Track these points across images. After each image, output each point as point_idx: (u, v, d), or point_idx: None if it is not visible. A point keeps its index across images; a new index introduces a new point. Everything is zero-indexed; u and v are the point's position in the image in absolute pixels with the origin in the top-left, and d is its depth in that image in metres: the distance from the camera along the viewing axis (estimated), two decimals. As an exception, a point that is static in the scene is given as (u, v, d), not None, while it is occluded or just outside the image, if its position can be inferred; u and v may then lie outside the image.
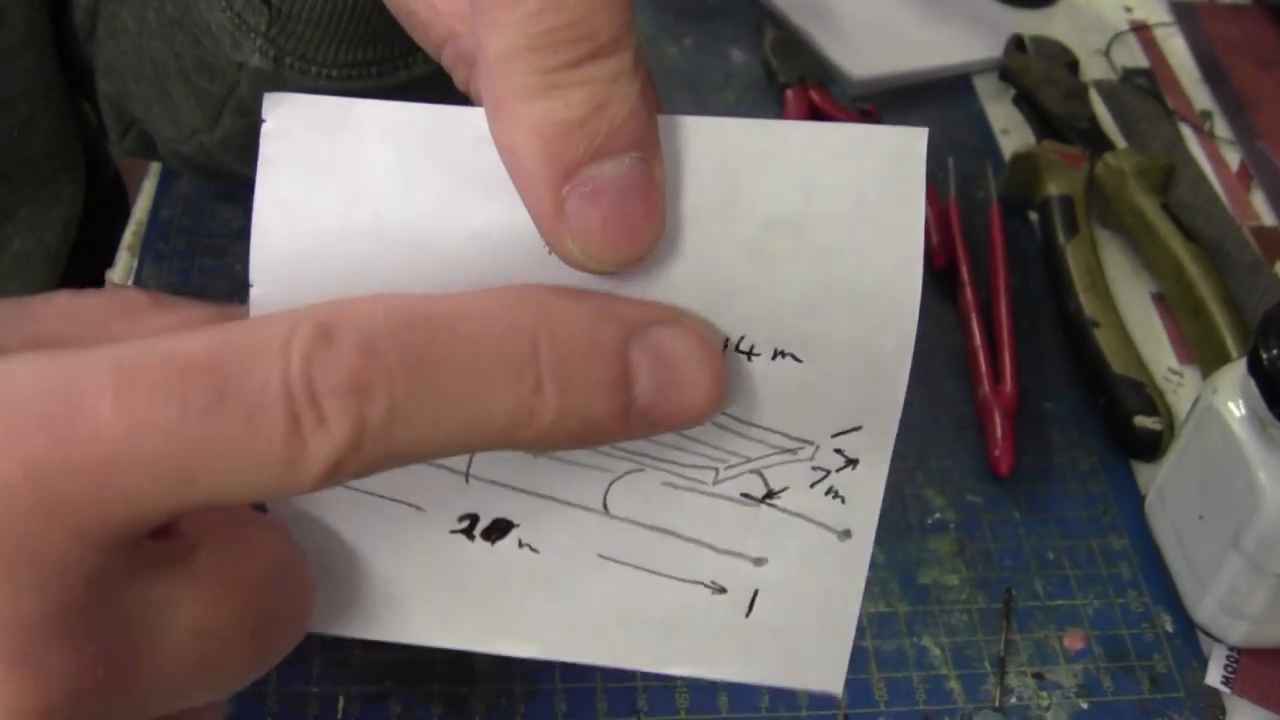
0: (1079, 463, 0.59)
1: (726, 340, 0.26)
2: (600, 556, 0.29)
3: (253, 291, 0.26)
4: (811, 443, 0.26)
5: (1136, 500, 0.57)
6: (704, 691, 0.49)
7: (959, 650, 0.52)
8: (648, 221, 0.24)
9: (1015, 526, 0.56)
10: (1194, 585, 0.52)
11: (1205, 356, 0.62)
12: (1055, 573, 0.55)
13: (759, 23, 0.81)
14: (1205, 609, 0.52)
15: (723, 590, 0.27)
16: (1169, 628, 0.53)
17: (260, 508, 0.28)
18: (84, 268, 0.67)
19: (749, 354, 0.26)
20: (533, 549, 0.29)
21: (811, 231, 0.25)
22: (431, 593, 0.29)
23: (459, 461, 0.28)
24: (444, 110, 0.26)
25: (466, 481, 0.28)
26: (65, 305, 0.26)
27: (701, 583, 0.27)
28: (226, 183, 0.66)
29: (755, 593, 0.27)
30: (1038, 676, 0.51)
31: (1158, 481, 0.55)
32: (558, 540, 0.29)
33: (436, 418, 0.23)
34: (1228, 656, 0.52)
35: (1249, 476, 0.48)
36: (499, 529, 0.29)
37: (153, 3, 0.51)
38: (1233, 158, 0.75)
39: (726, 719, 0.49)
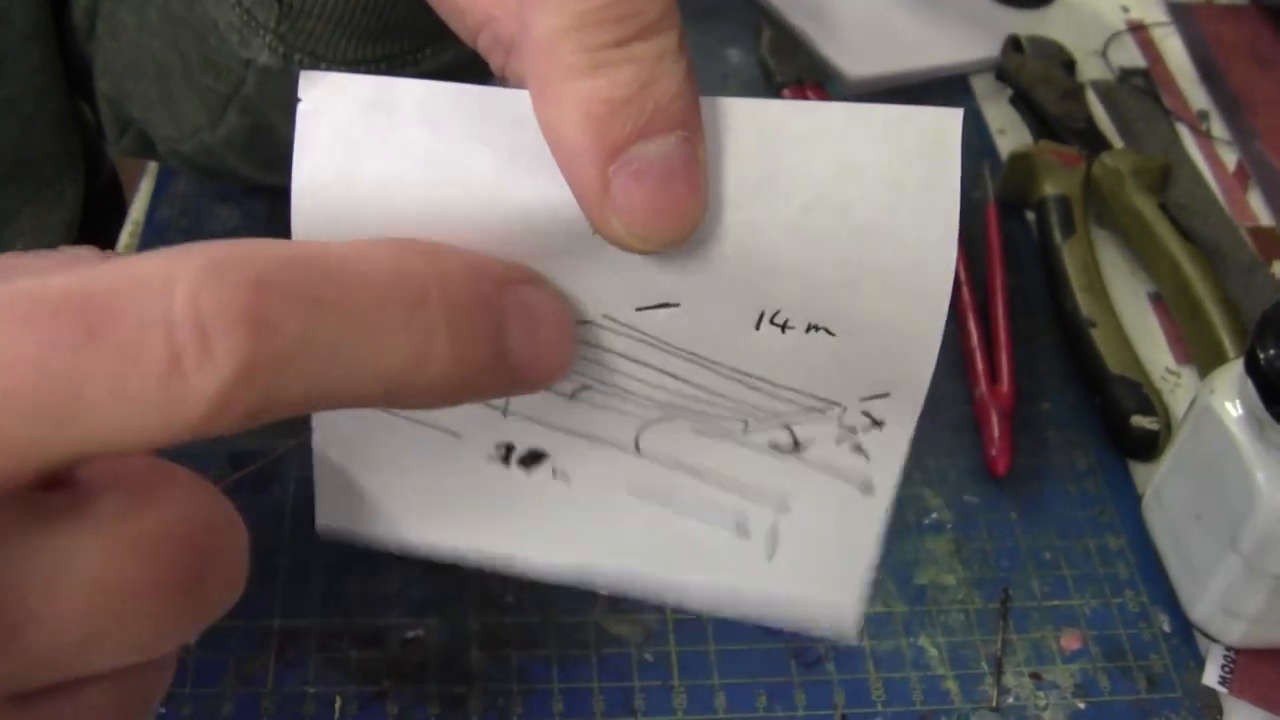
0: (1076, 462, 0.59)
1: (762, 313, 0.26)
2: (629, 492, 0.29)
3: None
4: (839, 404, 0.27)
5: (1133, 500, 0.57)
6: (701, 691, 0.49)
7: (956, 650, 0.52)
8: (691, 201, 0.25)
9: (1012, 526, 0.56)
10: (1191, 585, 0.52)
11: (1202, 356, 0.62)
12: (1052, 573, 0.55)
13: (756, 23, 0.81)
14: (1202, 609, 0.52)
15: (746, 533, 0.28)
16: (1166, 628, 0.53)
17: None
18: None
19: (783, 328, 0.26)
20: (565, 478, 0.29)
21: (849, 212, 0.25)
22: (465, 501, 0.30)
23: (498, 400, 0.28)
24: (483, 90, 0.26)
25: (504, 415, 0.28)
26: (7, 263, 0.25)
27: (725, 525, 0.28)
28: (226, 181, 0.66)
29: (777, 537, 0.28)
30: (1035, 677, 0.51)
31: (1155, 481, 0.55)
32: (590, 471, 0.29)
33: (330, 359, 0.22)
34: (1225, 656, 0.52)
35: (1246, 476, 0.48)
36: (533, 457, 0.29)
37: (155, 1, 0.51)
38: (1230, 158, 0.75)
39: (724, 719, 0.49)
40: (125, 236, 0.65)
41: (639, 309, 0.26)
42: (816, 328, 0.26)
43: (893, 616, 0.52)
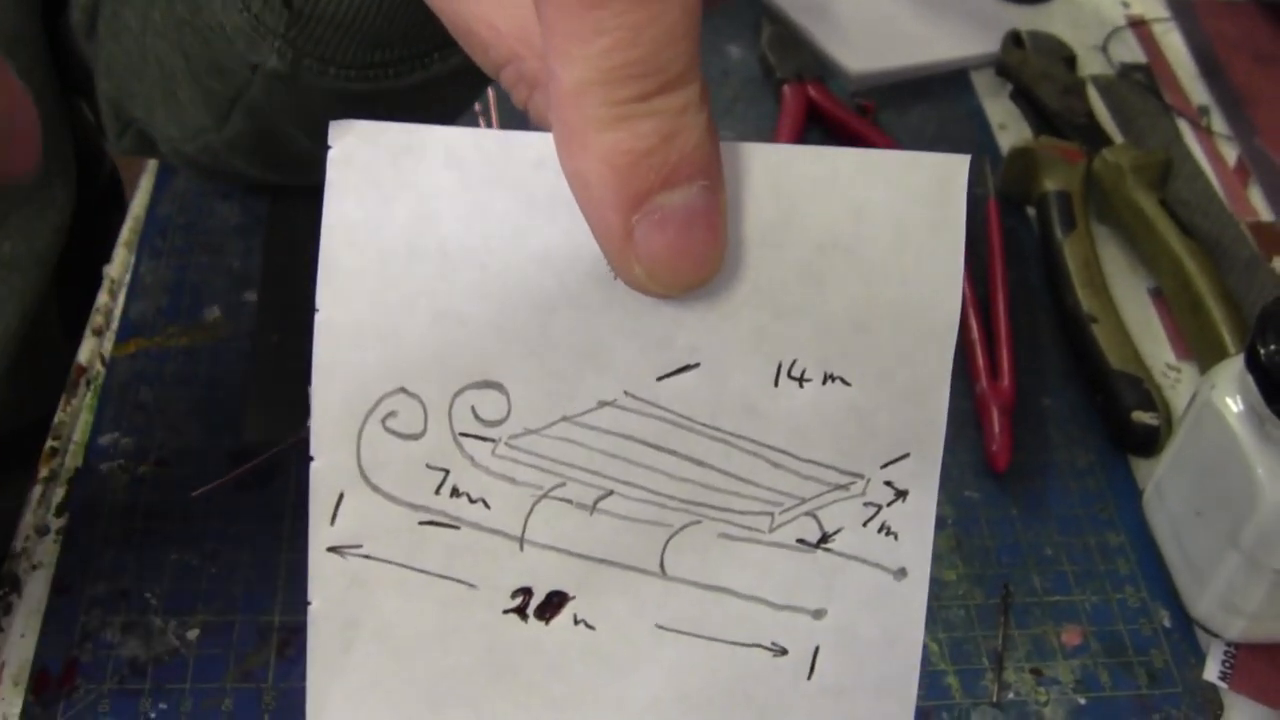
0: (1077, 459, 0.59)
1: (780, 364, 0.26)
2: (658, 627, 0.28)
3: (319, 316, 0.26)
4: (862, 475, 0.27)
5: (1134, 496, 0.57)
6: (702, 687, 0.49)
7: (957, 646, 0.52)
8: (712, 247, 0.25)
9: (1013, 522, 0.56)
10: (1192, 581, 0.52)
11: (1203, 352, 0.62)
12: (1053, 568, 0.55)
13: (757, 19, 0.81)
14: (1203, 605, 0.52)
15: (783, 651, 0.27)
16: (1166, 623, 0.53)
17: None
18: (82, 264, 0.67)
19: (800, 380, 0.26)
20: (588, 625, 0.28)
21: (860, 254, 0.26)
22: (482, 688, 0.29)
23: (514, 525, 0.27)
24: (507, 135, 0.26)
25: (521, 549, 0.27)
26: None
27: (761, 644, 0.27)
28: (229, 180, 0.66)
29: (816, 650, 0.27)
30: (1035, 672, 0.51)
31: (1155, 477, 0.55)
32: (615, 611, 0.28)
33: None
34: (1225, 652, 0.52)
35: (1246, 472, 0.48)
36: (553, 604, 0.28)
37: (159, 2, 0.51)
38: (1230, 153, 0.75)
39: (724, 714, 0.49)
40: (126, 233, 0.65)
41: (660, 378, 0.26)
42: (832, 377, 0.26)
43: (893, 612, 0.52)
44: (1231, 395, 0.50)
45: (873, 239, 0.26)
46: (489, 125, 0.70)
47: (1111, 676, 0.51)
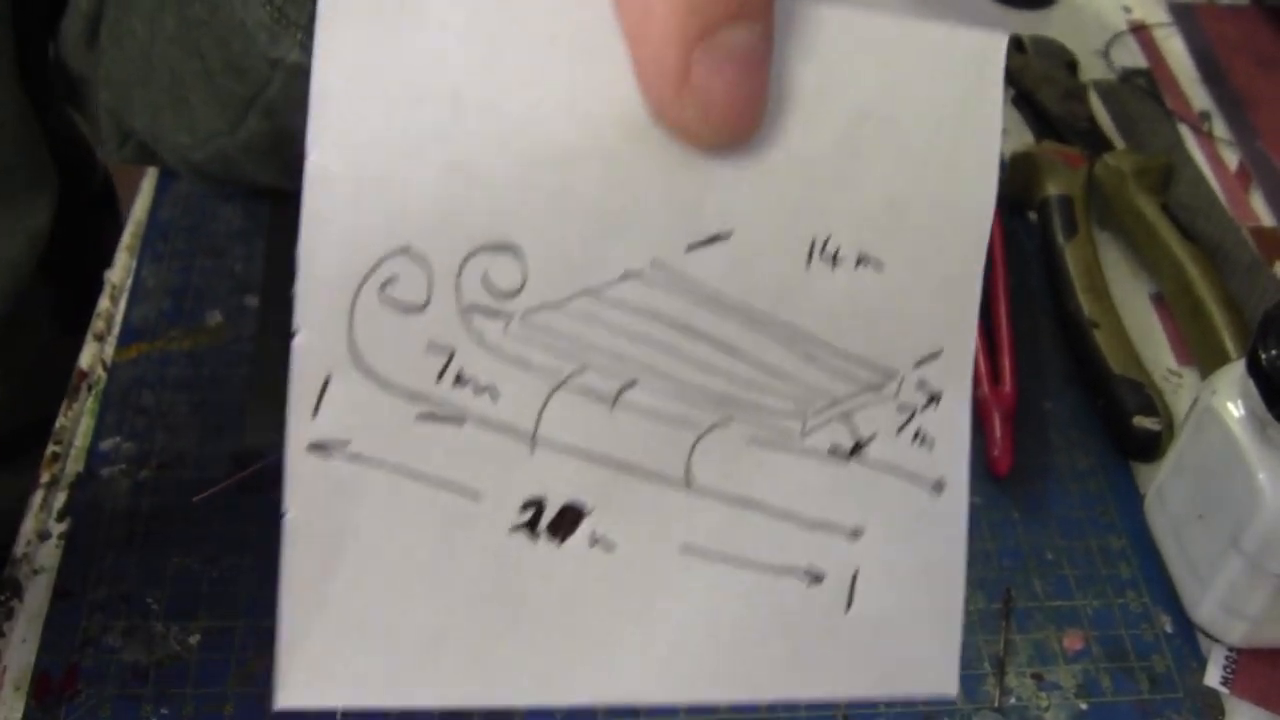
0: (1078, 463, 0.59)
1: (813, 241, 0.24)
2: (684, 550, 0.25)
3: (310, 160, 0.23)
4: (895, 373, 0.25)
5: (1135, 500, 0.57)
6: (703, 692, 0.49)
7: (958, 650, 0.52)
8: (764, 97, 0.23)
9: (1014, 526, 0.56)
10: (1193, 585, 0.52)
11: (1204, 357, 0.62)
12: (1054, 573, 0.54)
13: (758, 23, 0.81)
14: (1204, 609, 0.52)
15: (819, 578, 0.25)
16: (1168, 628, 0.53)
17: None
18: (79, 270, 0.67)
19: (834, 260, 0.24)
20: (606, 545, 0.25)
21: (897, 127, 0.24)
22: (485, 622, 0.25)
23: (526, 420, 0.24)
24: None
25: (532, 451, 0.24)
26: None
27: (795, 569, 0.25)
28: (236, 187, 0.66)
29: (855, 575, 0.25)
30: (1037, 677, 0.51)
31: (1157, 482, 0.55)
32: (637, 530, 0.25)
33: None
34: (1226, 657, 0.52)
35: (1248, 477, 0.48)
36: (568, 520, 0.25)
37: (171, 7, 0.51)
38: (1231, 158, 0.75)
39: (726, 718, 0.49)
40: (127, 237, 0.65)
41: (690, 247, 0.23)
42: (866, 260, 0.24)
43: (895, 617, 0.52)
44: (1233, 400, 0.50)
45: (910, 113, 0.24)
46: None
47: (1113, 681, 0.51)
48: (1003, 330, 0.62)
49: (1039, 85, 0.75)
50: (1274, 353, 0.47)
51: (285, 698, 0.26)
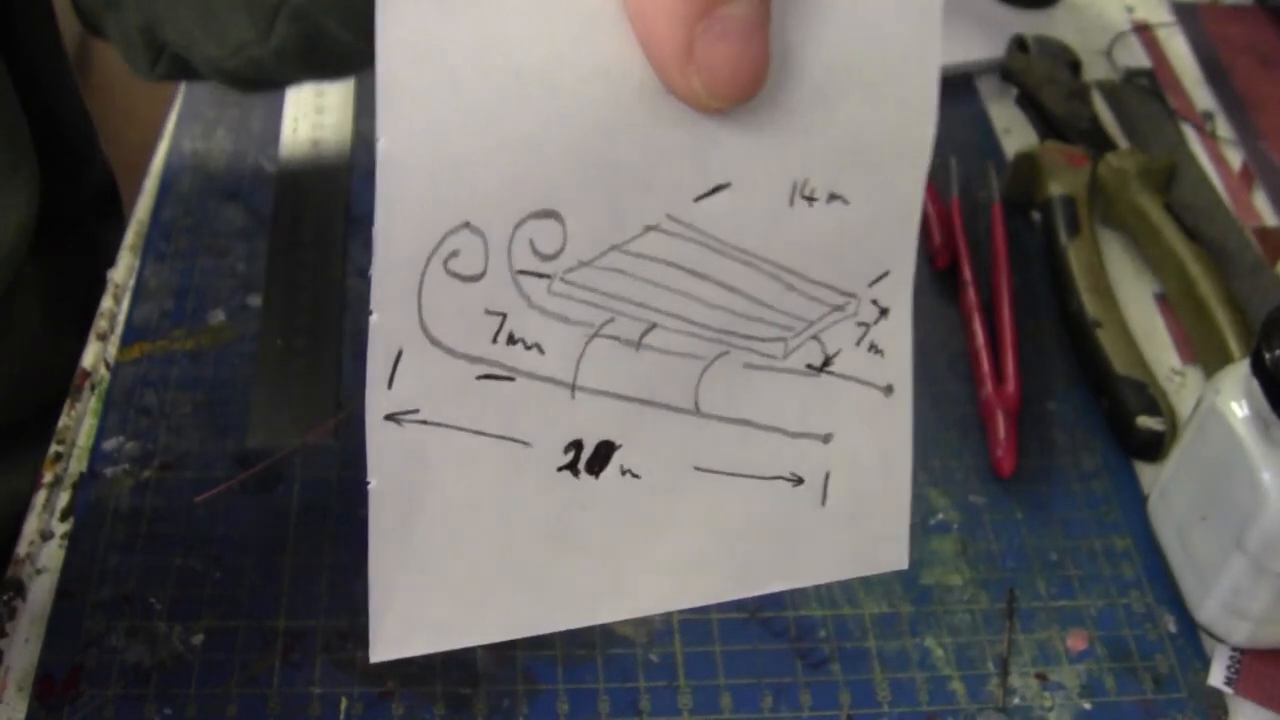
0: (1081, 463, 0.59)
1: (794, 184, 0.27)
2: (695, 469, 0.29)
3: (381, 146, 0.24)
4: (855, 295, 0.28)
5: (1139, 500, 0.57)
6: (706, 692, 0.49)
7: (962, 651, 0.52)
8: (764, 60, 0.25)
9: (1018, 527, 0.56)
10: (1197, 585, 0.52)
11: (1208, 357, 0.62)
12: (1058, 573, 0.54)
13: (761, 23, 0.81)
14: (1208, 609, 0.52)
15: (800, 481, 0.28)
16: (1172, 628, 0.53)
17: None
18: (83, 269, 0.67)
19: (810, 199, 0.27)
20: (634, 474, 0.28)
21: (859, 72, 0.27)
22: (541, 557, 0.28)
23: (566, 371, 0.27)
24: None
25: (573, 396, 0.27)
26: None
27: (782, 476, 0.28)
28: (272, 90, 0.65)
29: (827, 475, 0.28)
30: (1041, 677, 0.51)
31: (1160, 482, 0.55)
32: (657, 457, 0.28)
33: None
34: (1230, 657, 0.52)
35: (1252, 477, 0.48)
36: (601, 455, 0.28)
37: None
38: (1235, 158, 0.75)
39: (729, 719, 0.49)
40: (130, 236, 0.65)
41: (697, 198, 0.26)
42: (835, 196, 0.27)
43: (899, 617, 0.52)
44: (1236, 400, 0.50)
45: (868, 56, 0.27)
46: None
47: (1117, 681, 0.51)
48: (1006, 330, 0.62)
49: (1042, 85, 0.75)
50: (1277, 353, 0.47)
51: (379, 652, 0.28)
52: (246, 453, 0.55)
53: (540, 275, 0.25)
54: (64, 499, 0.53)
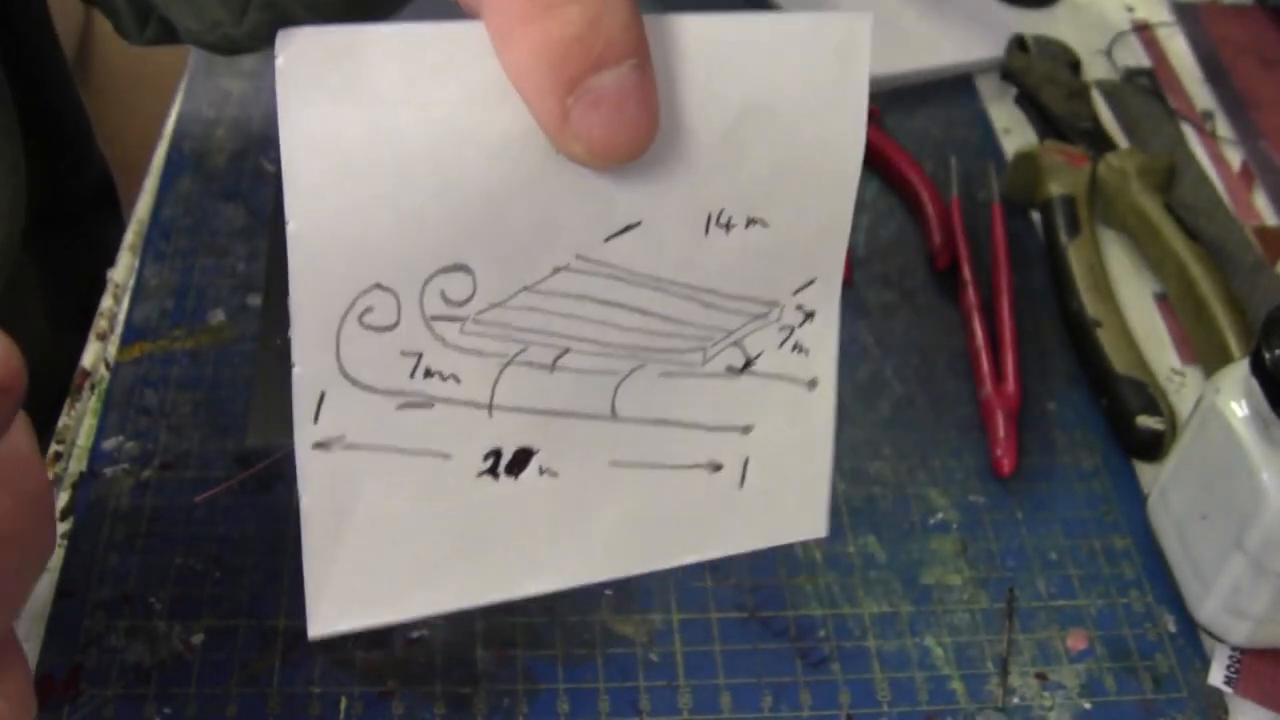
0: (1081, 463, 0.59)
1: (709, 215, 0.29)
2: (612, 464, 0.30)
3: (289, 228, 0.27)
4: (778, 303, 0.30)
5: (1139, 500, 0.57)
6: (706, 691, 0.49)
7: (962, 650, 0.52)
8: (645, 121, 0.27)
9: (1018, 526, 0.56)
10: (1196, 585, 0.52)
11: (1208, 356, 0.62)
12: (1058, 573, 0.54)
13: (761, 23, 0.81)
14: (1208, 609, 0.52)
15: (719, 467, 0.30)
16: (1171, 628, 0.53)
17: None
18: (82, 267, 0.67)
19: (727, 226, 0.29)
20: (552, 473, 0.30)
21: (778, 111, 0.28)
22: (465, 552, 0.31)
23: (483, 394, 0.29)
24: (446, 28, 0.27)
25: (490, 415, 0.29)
26: None
27: (700, 464, 0.30)
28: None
29: (746, 460, 0.30)
30: (1041, 677, 0.51)
31: (1160, 481, 0.55)
32: (574, 456, 0.30)
33: None
34: (1230, 656, 0.52)
35: (1252, 476, 0.48)
36: (520, 460, 0.30)
37: None
38: (1234, 158, 0.75)
39: (729, 718, 0.49)
40: (130, 236, 0.65)
41: (608, 239, 0.28)
42: (754, 221, 0.29)
43: (898, 616, 0.52)
44: (1236, 399, 0.50)
45: (788, 96, 0.28)
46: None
47: (1116, 681, 0.51)
48: (1006, 330, 0.62)
49: (1042, 85, 0.75)
50: (1277, 352, 0.47)
51: (316, 628, 0.31)
52: (246, 453, 0.55)
53: (453, 319, 0.28)
54: (64, 499, 0.53)
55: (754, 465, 0.30)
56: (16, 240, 0.55)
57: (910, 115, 0.76)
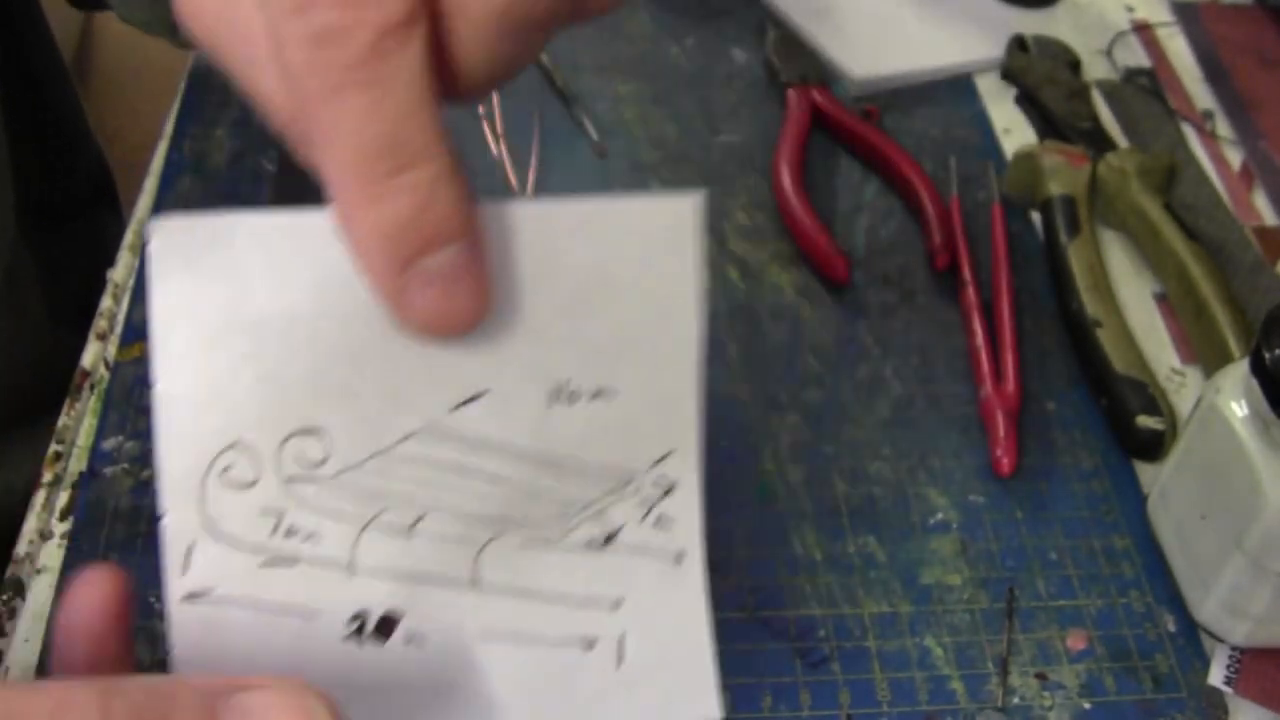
0: (1081, 463, 0.59)
1: (556, 385, 0.30)
2: (481, 636, 0.31)
3: (156, 389, 0.30)
4: (635, 474, 0.30)
5: (1139, 500, 0.57)
6: (706, 691, 0.49)
7: (962, 650, 0.52)
8: (475, 298, 0.29)
9: (1018, 526, 0.56)
10: (1196, 585, 0.52)
11: (1208, 356, 0.62)
12: (1058, 573, 0.54)
13: (761, 23, 0.81)
14: (1208, 609, 0.52)
15: (592, 644, 0.30)
16: (1171, 627, 0.53)
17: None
18: (82, 263, 0.67)
19: (575, 396, 0.30)
20: (419, 642, 0.31)
21: (614, 288, 0.30)
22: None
23: (343, 555, 0.30)
24: (301, 217, 0.30)
25: (352, 576, 0.30)
26: None
27: (572, 639, 0.30)
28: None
29: (622, 637, 0.30)
30: (1040, 677, 0.51)
31: (1160, 481, 0.55)
32: (439, 627, 0.31)
33: None
34: (1230, 656, 0.52)
35: (1251, 476, 0.48)
36: (386, 625, 0.30)
37: None
38: (1234, 158, 0.75)
39: (729, 718, 0.49)
40: (130, 235, 0.65)
41: (455, 407, 0.30)
42: (600, 392, 0.30)
43: (898, 616, 0.52)
44: (1236, 399, 0.50)
45: (623, 274, 0.30)
46: (492, 127, 0.70)
47: (1116, 681, 0.51)
48: (1006, 330, 0.62)
49: (1042, 85, 0.75)
50: (1277, 352, 0.47)
51: None
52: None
53: (309, 479, 0.29)
54: (64, 498, 0.53)
55: (630, 643, 0.31)
56: (10, 237, 0.55)
57: (910, 115, 0.76)
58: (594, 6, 0.30)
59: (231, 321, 0.29)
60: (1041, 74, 0.76)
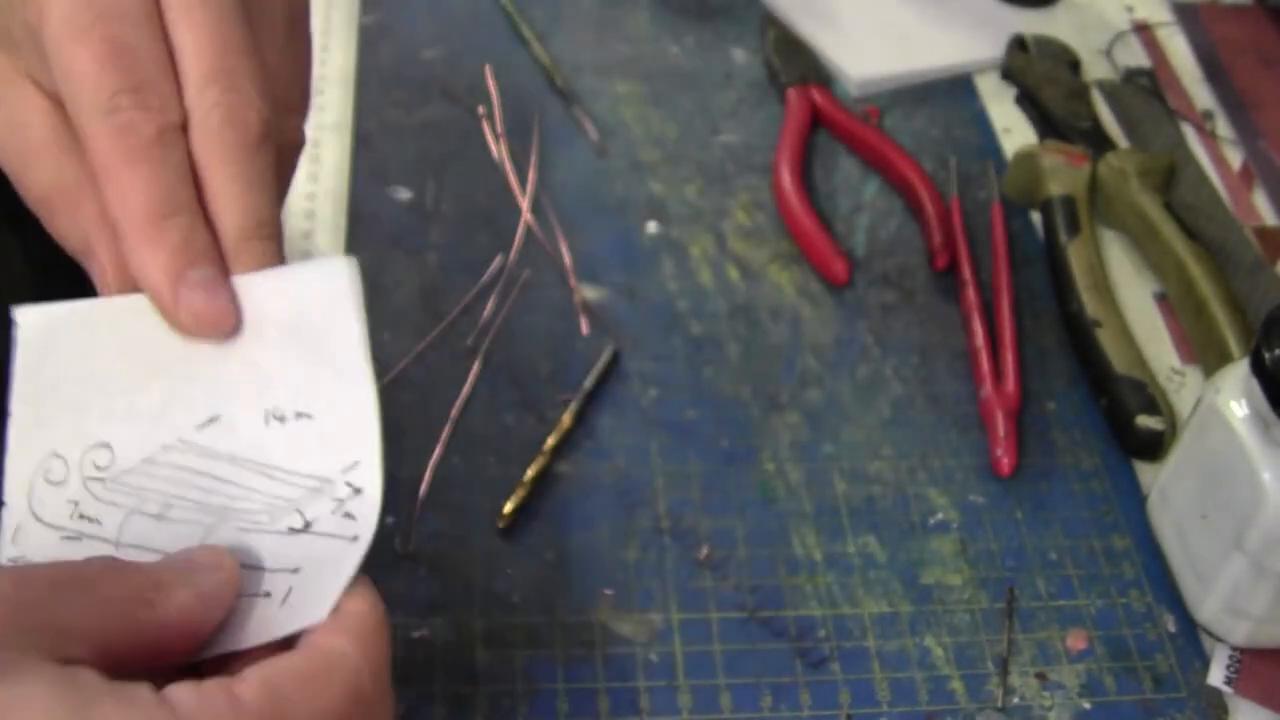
0: (1081, 462, 0.59)
1: (267, 411, 0.39)
2: None
3: (11, 416, 0.39)
4: (330, 480, 0.39)
5: (1139, 500, 0.57)
6: (706, 691, 0.49)
7: (962, 650, 0.52)
8: (229, 303, 0.39)
9: (1018, 526, 0.56)
10: (1196, 585, 0.52)
11: (1207, 356, 0.62)
12: (1058, 573, 0.55)
13: (761, 23, 0.81)
14: (1208, 609, 0.52)
15: (269, 596, 0.38)
16: (1171, 627, 0.53)
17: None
18: (80, 268, 0.66)
19: (282, 419, 0.39)
20: None
21: (301, 333, 0.39)
22: None
23: (114, 534, 0.39)
24: (128, 299, 0.39)
25: (117, 549, 0.39)
26: None
27: (259, 595, 0.38)
28: None
29: (290, 589, 0.38)
30: (1040, 676, 0.51)
31: (1160, 481, 0.55)
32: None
33: None
34: (1230, 656, 0.52)
35: (1251, 476, 0.48)
36: None
37: None
38: (1234, 158, 0.75)
39: (728, 718, 0.49)
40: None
41: (199, 427, 0.39)
42: (301, 414, 0.39)
43: (899, 616, 0.52)
44: (1236, 399, 0.50)
45: (305, 322, 0.39)
46: (496, 139, 0.70)
47: (1116, 681, 0.51)
48: (1005, 330, 0.62)
49: (1041, 85, 0.75)
50: (1277, 352, 0.47)
51: None
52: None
53: (99, 480, 0.39)
54: None
55: (294, 592, 0.38)
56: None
57: (910, 115, 0.76)
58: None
59: (57, 378, 0.40)
60: (1041, 74, 0.76)
